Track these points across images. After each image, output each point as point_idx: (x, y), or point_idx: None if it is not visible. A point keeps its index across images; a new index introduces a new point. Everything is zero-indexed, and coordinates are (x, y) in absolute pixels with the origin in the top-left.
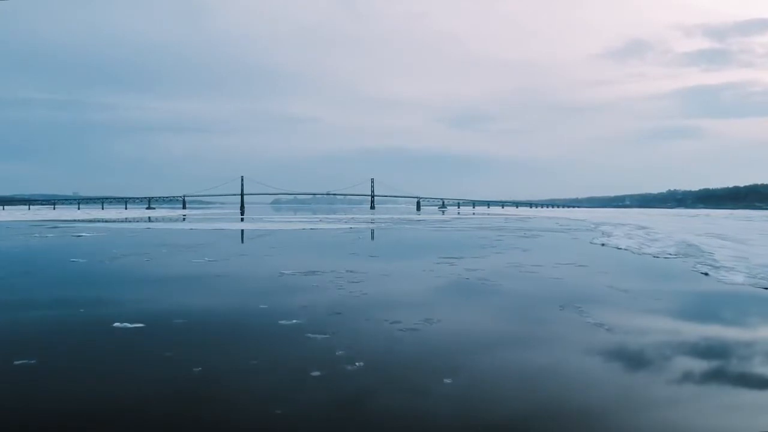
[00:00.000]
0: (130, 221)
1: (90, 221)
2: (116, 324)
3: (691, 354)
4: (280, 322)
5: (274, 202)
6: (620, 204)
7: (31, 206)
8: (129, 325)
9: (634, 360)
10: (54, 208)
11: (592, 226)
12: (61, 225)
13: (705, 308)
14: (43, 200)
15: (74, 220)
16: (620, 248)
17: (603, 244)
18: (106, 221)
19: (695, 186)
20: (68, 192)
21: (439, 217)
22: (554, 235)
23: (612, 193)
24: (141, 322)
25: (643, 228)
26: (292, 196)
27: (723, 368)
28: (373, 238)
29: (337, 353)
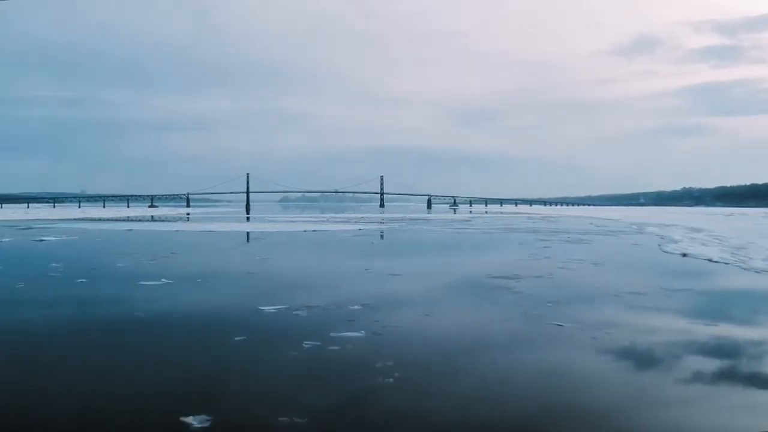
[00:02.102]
0: (122, 221)
1: (77, 221)
2: None
3: None
4: None
5: (282, 200)
6: (635, 202)
7: (30, 205)
8: None
9: None
10: (54, 207)
11: (635, 227)
12: (37, 226)
13: None
14: (49, 198)
15: (59, 220)
16: (712, 260)
17: (685, 255)
18: (96, 221)
19: (707, 184)
20: (76, 190)
21: (454, 216)
22: (606, 240)
23: (625, 191)
24: None
25: (698, 230)
26: (300, 194)
27: None
28: (388, 243)
29: None
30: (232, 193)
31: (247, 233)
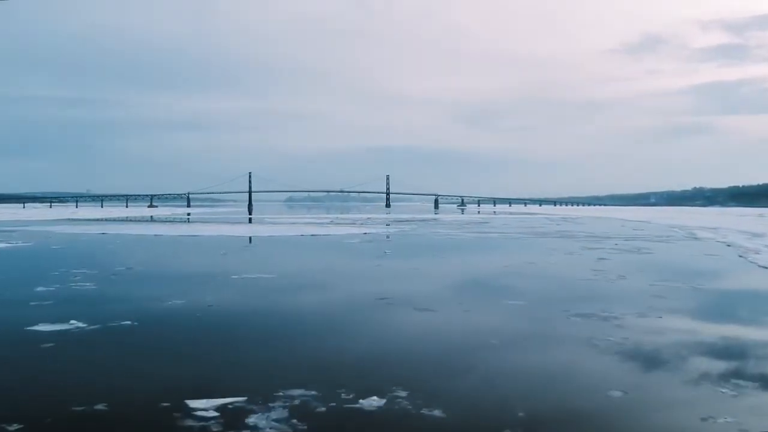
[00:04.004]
0: (110, 221)
1: (59, 222)
2: None
3: None
4: None
5: (288, 200)
6: (646, 202)
7: (28, 204)
8: None
9: None
10: (50, 207)
11: (679, 231)
12: (3, 228)
13: None
14: (52, 198)
15: (39, 221)
16: None
17: None
18: (81, 221)
19: (716, 183)
20: (81, 189)
21: (467, 217)
22: (666, 249)
23: (632, 191)
24: None
25: (759, 235)
26: (305, 194)
27: None
28: (402, 253)
29: None
30: (235, 192)
31: (235, 239)
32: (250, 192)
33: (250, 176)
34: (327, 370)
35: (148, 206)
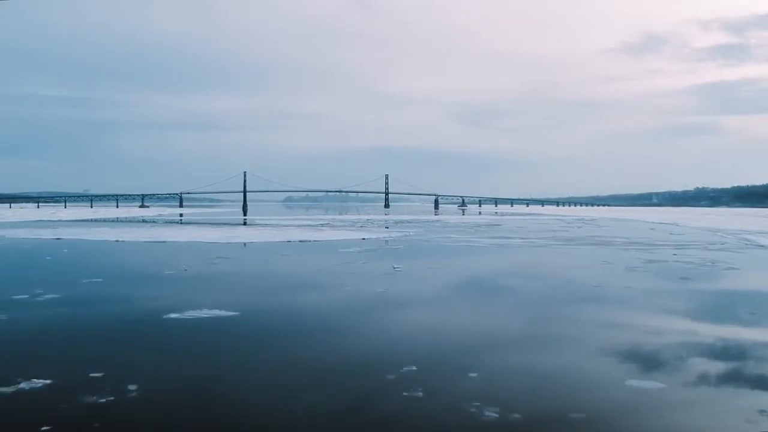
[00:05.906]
0: (83, 223)
1: (29, 223)
2: None
3: None
4: None
5: (286, 200)
6: (648, 202)
7: (14, 205)
8: None
9: None
10: (38, 207)
11: (725, 236)
12: None
13: None
14: (49, 198)
15: (3, 224)
16: None
17: None
18: (48, 224)
19: (717, 183)
20: (80, 189)
21: (471, 218)
22: (751, 261)
23: (634, 191)
24: None
25: None
26: (304, 194)
27: None
28: (414, 271)
29: None
30: (232, 192)
31: (209, 246)
32: (244, 192)
33: (245, 175)
34: None
35: (139, 206)
